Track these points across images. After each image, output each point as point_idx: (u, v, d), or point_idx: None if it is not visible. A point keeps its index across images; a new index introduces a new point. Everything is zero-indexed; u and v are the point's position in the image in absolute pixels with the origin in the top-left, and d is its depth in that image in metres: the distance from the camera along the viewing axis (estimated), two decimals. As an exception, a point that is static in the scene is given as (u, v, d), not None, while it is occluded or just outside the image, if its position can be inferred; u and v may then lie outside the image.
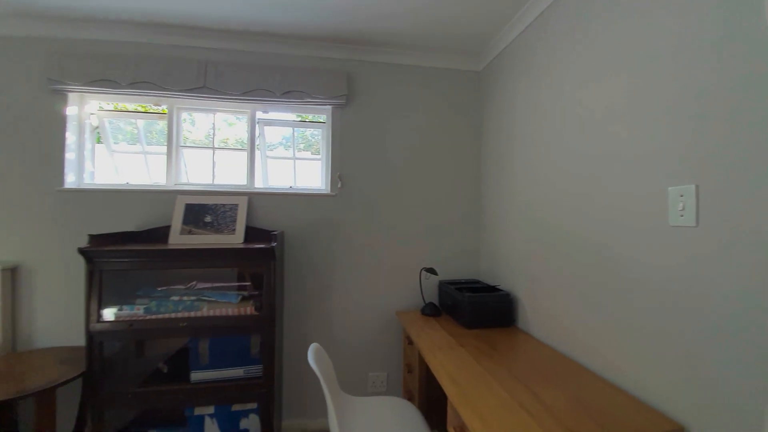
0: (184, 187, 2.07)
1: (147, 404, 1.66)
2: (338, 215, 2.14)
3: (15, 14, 1.84)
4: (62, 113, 1.94)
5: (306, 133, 2.42)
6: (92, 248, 1.56)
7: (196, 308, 1.66)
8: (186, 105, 2.13)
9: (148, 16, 1.86)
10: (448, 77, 2.27)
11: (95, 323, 1.57)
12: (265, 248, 1.67)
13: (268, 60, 2.07)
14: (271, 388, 1.69)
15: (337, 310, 2.14)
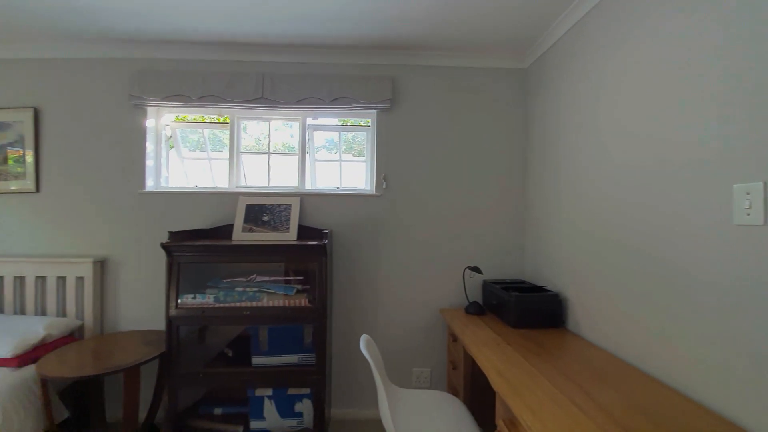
0: (244, 190, 2.27)
1: (215, 384, 1.85)
2: (383, 215, 2.23)
3: (101, 39, 2.13)
4: (142, 125, 2.22)
5: (348, 136, 2.54)
6: (172, 243, 1.78)
7: (257, 299, 1.83)
8: (245, 115, 2.34)
9: (215, 36, 2.07)
10: (492, 76, 2.28)
11: (173, 309, 1.79)
12: (317, 245, 1.80)
13: (318, 70, 2.22)
14: (323, 376, 1.82)
15: (382, 306, 2.23)
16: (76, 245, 2.17)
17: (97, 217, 2.19)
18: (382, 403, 1.33)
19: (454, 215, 2.25)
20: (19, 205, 2.19)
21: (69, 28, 1.98)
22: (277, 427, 1.87)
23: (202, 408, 2.01)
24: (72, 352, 1.81)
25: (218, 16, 1.87)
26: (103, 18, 1.88)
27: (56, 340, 1.92)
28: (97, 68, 2.20)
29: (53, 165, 2.19)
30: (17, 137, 2.20)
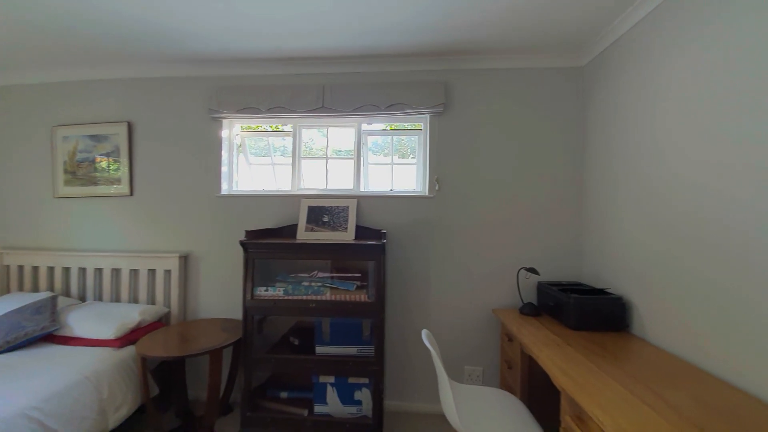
0: (305, 192, 2.45)
1: (283, 369, 2.02)
2: (436, 216, 2.30)
3: (184, 60, 2.41)
4: (218, 135, 2.47)
5: (394, 139, 2.63)
6: (248, 241, 1.98)
7: (321, 293, 1.98)
8: (306, 123, 2.52)
9: (281, 53, 2.27)
10: (546, 76, 2.26)
11: (249, 300, 1.99)
12: (377, 244, 1.91)
13: (374, 78, 2.34)
14: (381, 367, 1.93)
15: (434, 305, 2.30)
16: (163, 242, 2.48)
17: (181, 217, 2.48)
18: (446, 394, 1.40)
19: (507, 217, 2.27)
20: (116, 207, 2.54)
21: (158, 51, 2.27)
22: (338, 412, 2.01)
23: (269, 391, 2.20)
24: (162, 336, 2.07)
25: (284, 36, 2.06)
26: (187, 42, 2.14)
27: (148, 325, 2.21)
28: (180, 86, 2.49)
29: (144, 172, 2.52)
30: (114, 148, 2.56)
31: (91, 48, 2.23)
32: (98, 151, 2.56)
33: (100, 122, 2.55)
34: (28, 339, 1.94)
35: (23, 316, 2.04)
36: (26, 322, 2.00)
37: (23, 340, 1.93)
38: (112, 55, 2.34)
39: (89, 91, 2.56)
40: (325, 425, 1.96)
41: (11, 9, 1.81)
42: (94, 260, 2.45)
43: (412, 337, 2.30)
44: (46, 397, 1.52)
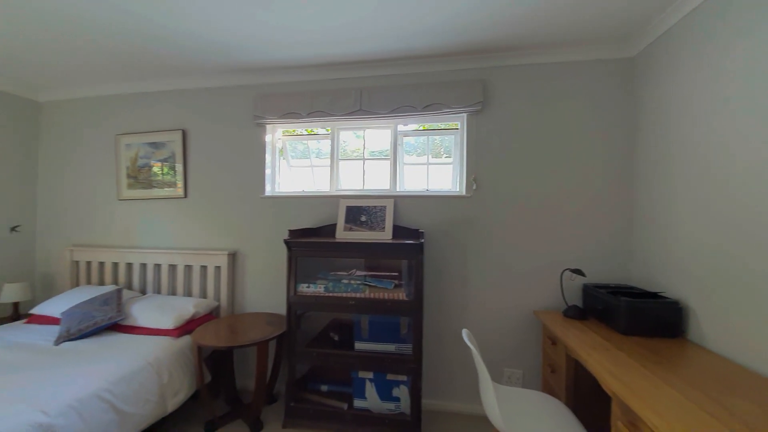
0: (343, 193, 2.53)
1: (324, 362, 2.09)
2: (473, 215, 2.28)
3: (231, 70, 2.57)
4: (262, 140, 2.61)
5: (429, 139, 2.64)
6: (292, 239, 2.07)
7: (360, 290, 2.03)
8: (344, 126, 2.60)
9: (320, 60, 2.36)
10: (591, 69, 2.17)
11: (293, 296, 2.09)
12: (415, 244, 1.93)
13: (410, 79, 2.37)
14: (420, 365, 1.94)
15: (472, 305, 2.28)
16: (214, 240, 2.65)
17: (229, 217, 2.64)
18: (488, 394, 1.40)
19: (549, 216, 2.20)
20: (172, 208, 2.76)
21: (210, 63, 2.44)
22: (377, 408, 2.05)
23: (310, 384, 2.29)
24: (214, 327, 2.21)
25: (325, 44, 2.14)
26: (236, 53, 2.29)
27: (201, 317, 2.38)
28: (228, 95, 2.66)
29: (196, 175, 2.71)
30: (170, 154, 2.78)
31: (152, 63, 2.44)
32: (156, 157, 2.79)
33: (158, 130, 2.78)
34: (97, 327, 2.15)
35: (93, 306, 2.27)
36: (96, 312, 2.23)
37: (93, 328, 2.14)
38: (169, 69, 2.55)
39: (148, 102, 2.80)
40: (365, 419, 2.01)
41: (87, 33, 2.03)
42: (153, 257, 2.67)
43: (450, 337, 2.30)
44: (116, 380, 1.68)
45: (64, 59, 2.41)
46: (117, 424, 1.60)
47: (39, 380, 1.58)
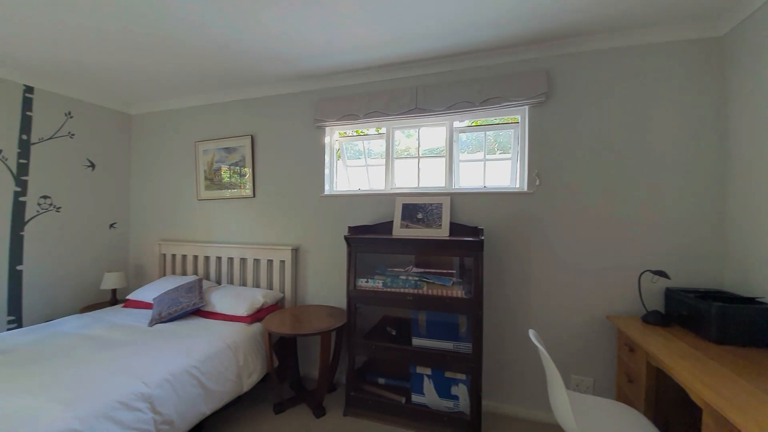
0: (398, 191, 2.57)
1: (382, 356, 2.14)
2: (536, 212, 2.19)
3: (294, 78, 2.73)
4: (322, 142, 2.75)
5: (481, 135, 2.57)
6: (351, 236, 2.16)
7: (418, 286, 2.05)
8: (399, 125, 2.64)
9: (377, 62, 2.42)
10: (669, 51, 1.97)
11: (352, 289, 2.17)
12: (476, 241, 1.91)
13: (468, 74, 2.34)
14: (480, 365, 1.91)
15: (535, 306, 2.19)
16: (279, 236, 2.85)
17: (292, 215, 2.82)
18: (560, 398, 1.34)
19: (623, 213, 2.03)
20: (242, 207, 3.01)
21: (275, 72, 2.62)
22: (435, 404, 2.05)
23: (368, 375, 2.36)
24: (280, 316, 2.38)
25: (382, 46, 2.19)
26: (296, 61, 2.43)
27: (269, 306, 2.57)
28: (291, 101, 2.84)
29: (263, 176, 2.93)
30: (241, 157, 3.03)
31: (226, 76, 2.69)
32: (229, 161, 3.06)
33: (230, 137, 3.05)
34: (183, 312, 2.42)
35: (179, 293, 2.56)
36: (182, 298, 2.51)
37: (180, 312, 2.42)
38: (240, 81, 2.79)
39: (222, 111, 3.09)
40: (423, 414, 2.03)
41: (173, 54, 2.29)
42: (227, 251, 2.94)
43: (511, 338, 2.23)
44: (202, 359, 1.89)
45: (152, 77, 2.75)
46: (203, 398, 1.79)
47: (138, 356, 1.83)
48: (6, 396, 1.39)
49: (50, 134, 2.87)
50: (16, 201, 2.66)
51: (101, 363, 1.71)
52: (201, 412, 1.77)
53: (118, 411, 1.42)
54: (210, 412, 1.83)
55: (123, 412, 1.43)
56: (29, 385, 1.48)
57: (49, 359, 1.74)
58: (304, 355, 2.72)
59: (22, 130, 2.70)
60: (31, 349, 1.86)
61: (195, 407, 1.74)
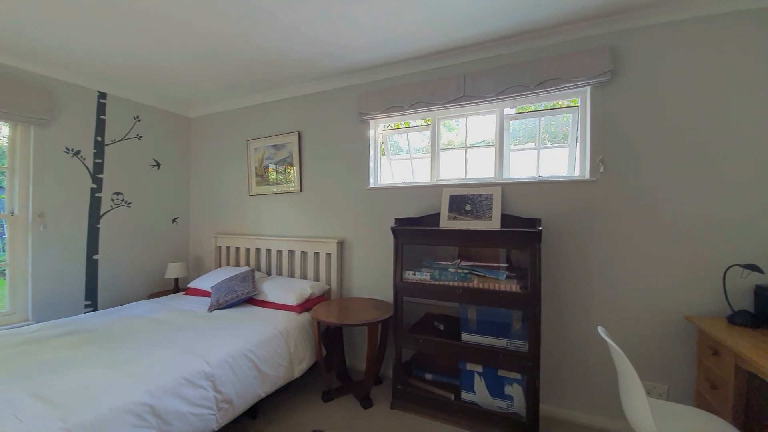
0: (444, 182, 2.50)
1: (430, 350, 2.10)
2: (599, 201, 2.01)
3: (338, 73, 2.75)
4: (366, 135, 2.75)
5: (527, 123, 2.41)
6: (399, 227, 2.13)
7: (468, 280, 1.97)
8: (444, 115, 2.57)
9: (422, 51, 2.37)
10: (752, 20, 1.71)
11: (399, 282, 2.14)
12: (533, 232, 1.79)
13: (520, 57, 2.21)
14: (537, 364, 1.79)
15: (598, 304, 2.01)
16: (325, 229, 2.90)
17: (337, 208, 2.86)
18: (636, 402, 1.20)
19: (701, 202, 1.80)
20: (290, 202, 3.11)
21: (320, 68, 2.65)
22: (487, 404, 1.96)
23: (414, 370, 2.32)
24: (327, 307, 2.41)
25: (429, 35, 2.14)
26: (342, 55, 2.44)
27: (316, 297, 2.62)
28: (336, 96, 2.88)
29: (309, 171, 3.00)
30: (288, 154, 3.12)
31: (274, 75, 2.79)
32: (278, 157, 3.17)
33: (279, 134, 3.15)
34: (239, 300, 2.54)
35: (234, 282, 2.69)
36: (236, 287, 2.64)
37: (235, 300, 2.54)
38: (287, 79, 2.88)
39: (271, 110, 3.21)
40: (474, 413, 1.95)
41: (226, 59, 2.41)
42: (276, 243, 3.05)
43: (571, 337, 2.07)
44: (257, 344, 1.96)
45: (208, 82, 2.93)
46: (258, 381, 1.86)
47: (200, 338, 1.94)
48: (86, 369, 1.53)
49: (121, 136, 3.16)
50: (92, 197, 2.96)
51: (167, 343, 1.83)
52: (257, 393, 1.84)
53: (183, 387, 1.51)
54: (265, 394, 1.90)
55: (188, 389, 1.52)
56: (105, 360, 1.62)
57: (122, 339, 1.90)
58: (348, 348, 2.74)
59: (97, 133, 2.99)
60: (105, 330, 2.04)
61: (251, 388, 1.81)
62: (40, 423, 1.16)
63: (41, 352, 1.69)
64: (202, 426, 1.53)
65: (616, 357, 1.28)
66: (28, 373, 1.47)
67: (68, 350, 1.72)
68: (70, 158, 2.80)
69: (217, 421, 1.60)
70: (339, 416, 2.08)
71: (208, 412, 1.56)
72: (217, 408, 1.61)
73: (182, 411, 1.46)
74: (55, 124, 2.70)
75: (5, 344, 1.78)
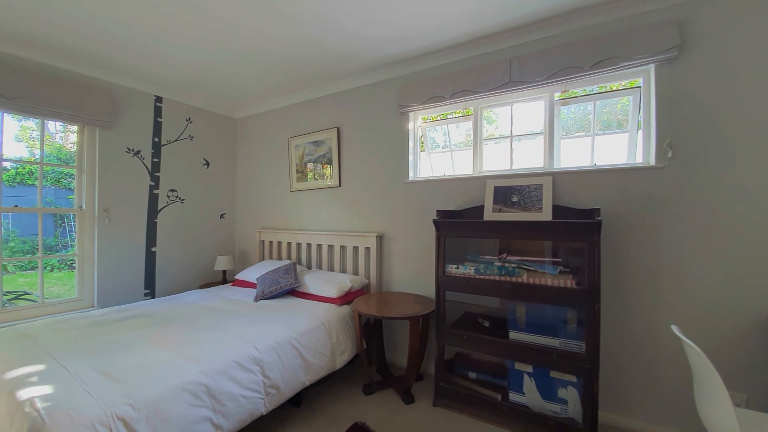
0: (488, 174, 2.39)
1: (474, 347, 2.01)
2: (667, 189, 1.82)
3: (377, 66, 2.73)
4: (405, 128, 2.71)
5: (571, 109, 2.23)
6: (441, 219, 2.07)
7: (517, 274, 1.87)
8: (488, 103, 2.46)
9: (464, 37, 2.28)
10: None
11: (441, 275, 2.08)
12: (592, 222, 1.66)
13: (573, 36, 2.06)
14: (596, 367, 1.65)
15: (667, 303, 1.82)
16: (364, 224, 2.90)
17: (376, 202, 2.84)
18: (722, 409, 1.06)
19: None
20: (329, 197, 3.14)
21: (360, 62, 2.65)
22: (537, 406, 1.84)
23: (456, 368, 2.23)
24: (366, 300, 2.39)
25: (466, 19, 2.06)
26: (381, 46, 2.41)
27: (356, 291, 2.62)
28: (374, 90, 2.87)
29: (348, 166, 3.02)
30: (328, 149, 3.16)
31: (314, 72, 2.83)
32: (317, 153, 3.23)
33: (318, 130, 3.21)
34: (282, 291, 2.61)
35: (277, 275, 2.76)
36: (280, 279, 2.71)
37: (279, 291, 2.61)
38: (326, 76, 2.92)
39: (310, 108, 3.27)
40: (523, 415, 1.84)
41: (270, 62, 2.47)
42: (316, 238, 3.10)
43: (634, 337, 1.89)
44: (301, 332, 1.99)
45: (253, 83, 3.06)
46: (303, 369, 1.88)
47: (249, 325, 2.00)
48: (147, 349, 1.63)
49: (175, 137, 3.37)
50: (151, 193, 3.18)
51: (219, 328, 1.91)
52: (301, 381, 1.87)
53: (235, 370, 1.55)
54: (309, 382, 1.92)
55: (239, 372, 1.56)
56: (163, 342, 1.72)
57: (178, 323, 2.01)
58: (387, 343, 2.71)
59: (155, 134, 3.21)
60: (163, 315, 2.17)
61: (296, 376, 1.84)
62: (106, 397, 1.24)
63: (107, 334, 1.82)
64: (252, 409, 1.57)
65: (694, 357, 1.14)
66: (95, 351, 1.59)
67: (130, 332, 1.84)
68: (131, 158, 3.03)
69: (265, 405, 1.64)
70: (381, 410, 2.05)
71: (257, 395, 1.60)
72: (265, 392, 1.64)
73: (234, 393, 1.50)
74: (118, 126, 2.93)
75: (76, 326, 1.94)
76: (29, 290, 4.30)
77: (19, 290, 4.44)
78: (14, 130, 7.19)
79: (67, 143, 7.05)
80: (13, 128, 7.12)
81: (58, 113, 2.53)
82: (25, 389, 1.26)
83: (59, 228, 6.98)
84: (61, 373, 1.38)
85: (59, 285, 5.60)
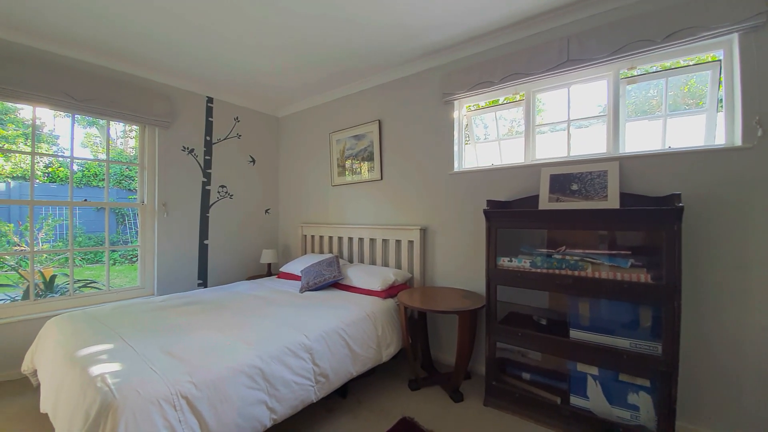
0: (543, 161, 2.24)
1: (530, 346, 1.89)
2: (755, 173, 1.59)
3: (420, 55, 2.66)
4: (450, 118, 2.62)
5: (666, 81, 2.01)
6: (492, 210, 1.96)
7: (580, 268, 1.72)
8: (540, 87, 2.31)
9: (514, 17, 2.15)
10: None
11: (492, 269, 1.97)
12: (672, 209, 1.48)
13: (640, 8, 1.87)
14: (675, 371, 1.48)
15: (757, 300, 1.59)
16: (406, 217, 2.85)
17: (420, 195, 2.78)
18: None
19: None
20: (371, 191, 3.12)
21: (400, 51, 2.59)
22: (603, 412, 1.68)
23: (508, 368, 2.11)
24: (410, 294, 2.33)
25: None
26: (422, 35, 2.35)
27: (399, 284, 2.57)
28: (416, 81, 2.80)
29: (390, 159, 2.98)
30: (369, 143, 3.14)
31: (356, 66, 2.83)
32: (359, 147, 3.22)
33: (359, 124, 3.20)
34: (326, 282, 2.62)
35: (321, 267, 2.78)
36: (324, 271, 2.72)
37: (323, 283, 2.62)
38: (366, 69, 2.90)
39: (351, 102, 3.27)
40: (587, 420, 1.69)
41: (313, 57, 2.49)
42: (358, 231, 3.09)
43: (716, 340, 1.67)
44: (348, 323, 1.97)
45: (296, 81, 3.15)
46: (350, 359, 1.87)
47: (297, 314, 2.02)
48: (205, 332, 1.69)
49: (225, 135, 3.52)
50: (203, 189, 3.34)
51: (269, 316, 1.94)
52: (349, 371, 1.85)
53: (287, 356, 1.57)
54: (356, 373, 1.90)
55: (291, 358, 1.57)
56: (220, 327, 1.77)
57: (232, 310, 2.08)
58: (432, 340, 2.63)
59: (206, 133, 3.37)
60: (217, 302, 2.25)
61: (344, 366, 1.82)
62: (170, 375, 1.29)
63: (168, 318, 1.92)
64: (303, 396, 1.58)
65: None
66: (159, 333, 1.67)
67: (189, 317, 1.93)
68: (186, 155, 3.21)
69: (315, 393, 1.64)
70: (431, 407, 1.98)
71: (308, 383, 1.60)
72: (315, 380, 1.64)
73: (287, 378, 1.51)
74: (174, 126, 3.10)
75: (140, 310, 2.06)
76: (95, 280, 4.71)
77: (87, 279, 4.88)
78: (80, 137, 7.96)
79: (126, 147, 7.69)
80: (79, 135, 7.90)
81: (122, 114, 2.73)
82: (96, 366, 1.33)
83: (120, 225, 7.62)
84: (128, 352, 1.45)
85: (120, 277, 6.10)
